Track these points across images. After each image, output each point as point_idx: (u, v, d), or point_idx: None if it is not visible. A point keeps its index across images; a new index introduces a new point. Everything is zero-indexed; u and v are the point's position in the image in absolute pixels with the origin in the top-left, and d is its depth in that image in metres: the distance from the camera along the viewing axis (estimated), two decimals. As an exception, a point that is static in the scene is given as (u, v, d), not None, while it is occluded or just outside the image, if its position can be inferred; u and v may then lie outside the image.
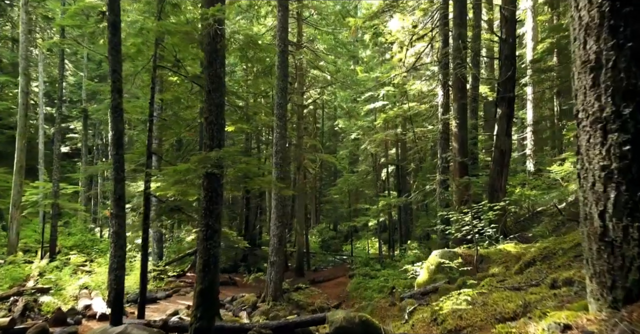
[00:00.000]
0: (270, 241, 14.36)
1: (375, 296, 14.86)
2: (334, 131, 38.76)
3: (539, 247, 5.75)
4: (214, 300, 6.75)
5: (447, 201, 12.95)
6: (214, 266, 6.77)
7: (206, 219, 6.82)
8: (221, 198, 6.97)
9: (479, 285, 5.35)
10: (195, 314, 6.52)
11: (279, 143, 14.25)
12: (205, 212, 6.83)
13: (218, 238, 6.89)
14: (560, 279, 3.49)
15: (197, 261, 6.78)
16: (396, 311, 6.94)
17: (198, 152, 6.92)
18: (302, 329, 8.33)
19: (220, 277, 19.47)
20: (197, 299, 6.60)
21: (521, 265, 5.69)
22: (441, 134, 13.42)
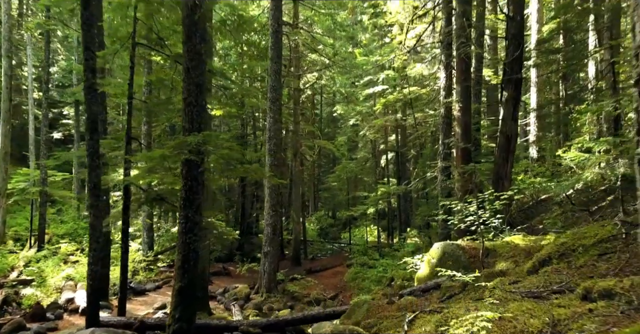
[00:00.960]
0: (264, 231, 13.79)
1: (373, 288, 14.34)
2: (332, 117, 38.01)
3: (555, 242, 5.12)
4: (194, 299, 6.16)
5: (449, 189, 12.32)
6: (195, 262, 6.16)
7: (185, 211, 6.19)
8: (202, 187, 6.33)
9: (487, 287, 4.74)
10: (174, 315, 5.93)
11: (273, 128, 13.57)
12: (185, 203, 6.20)
13: (199, 231, 6.26)
14: (595, 289, 2.88)
15: (176, 257, 6.17)
16: (394, 311, 6.35)
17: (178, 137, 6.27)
18: (294, 328, 7.79)
19: (213, 267, 19.04)
20: (175, 298, 6.00)
21: (535, 263, 5.07)
22: (443, 119, 12.72)
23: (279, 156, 14.29)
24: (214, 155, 6.25)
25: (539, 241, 7.38)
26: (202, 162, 5.84)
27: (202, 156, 5.95)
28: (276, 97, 13.62)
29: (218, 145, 6.20)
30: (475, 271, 7.33)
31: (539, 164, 21.56)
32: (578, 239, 4.88)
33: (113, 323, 7.54)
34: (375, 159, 25.95)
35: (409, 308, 6.34)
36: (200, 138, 5.84)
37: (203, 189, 6.37)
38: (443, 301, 6.23)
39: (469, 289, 6.05)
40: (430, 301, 6.50)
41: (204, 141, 5.98)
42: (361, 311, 6.75)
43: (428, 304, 6.29)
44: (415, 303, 6.48)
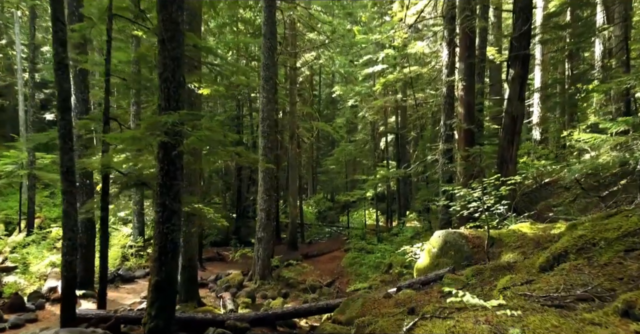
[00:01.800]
0: (257, 216, 13.26)
1: (370, 275, 13.92)
2: (332, 98, 37.15)
3: (571, 234, 4.55)
4: (173, 294, 5.64)
5: (451, 173, 11.75)
6: (173, 254, 5.62)
7: (162, 198, 5.61)
8: (181, 172, 5.74)
9: (496, 287, 4.19)
10: (150, 313, 5.41)
11: (266, 109, 12.91)
12: (161, 190, 5.62)
13: (178, 220, 5.71)
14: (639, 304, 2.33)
15: (152, 248, 5.63)
16: (392, 306, 5.84)
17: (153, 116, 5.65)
18: (285, 322, 7.31)
19: (207, 252, 18.62)
20: (151, 294, 5.48)
21: (548, 258, 4.51)
22: (445, 99, 12.05)
23: (274, 138, 13.68)
24: (193, 137, 5.63)
25: (549, 230, 6.83)
26: (179, 145, 5.24)
27: (178, 137, 5.34)
28: (269, 76, 12.92)
29: (197, 126, 5.58)
30: (479, 262, 6.81)
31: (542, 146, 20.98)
32: (599, 232, 4.32)
33: (91, 317, 7.05)
34: (375, 141, 25.31)
35: (408, 303, 5.83)
36: (175, 118, 5.23)
37: (182, 173, 5.78)
38: (444, 296, 5.72)
39: (473, 284, 5.53)
40: (431, 296, 5.99)
41: (180, 120, 5.36)
42: (355, 306, 6.24)
43: (428, 299, 5.77)
44: (415, 297, 5.97)
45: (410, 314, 5.22)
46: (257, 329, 6.98)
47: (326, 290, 13.08)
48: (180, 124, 5.43)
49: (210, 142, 5.61)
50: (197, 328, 7.08)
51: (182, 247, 10.11)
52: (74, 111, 10.74)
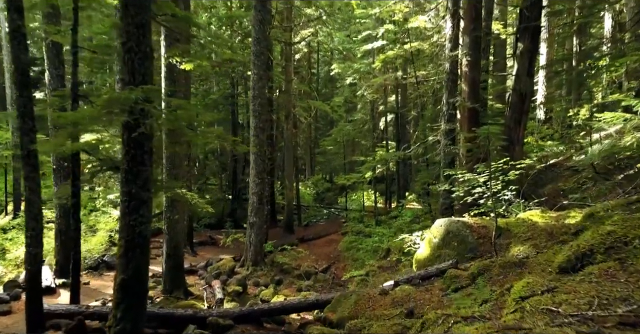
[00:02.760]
0: (249, 200, 12.63)
1: (368, 260, 13.37)
2: (330, 76, 36.11)
3: (598, 230, 3.90)
4: (142, 294, 5.02)
5: (453, 155, 11.05)
6: (142, 249, 4.98)
7: (128, 186, 4.94)
8: (150, 156, 5.05)
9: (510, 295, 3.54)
10: (115, 315, 4.80)
11: (257, 86, 12.13)
12: (127, 177, 4.94)
13: (147, 211, 5.05)
14: None
15: (118, 242, 4.99)
16: (388, 305, 5.24)
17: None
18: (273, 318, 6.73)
19: (200, 236, 18.06)
20: (117, 293, 4.86)
21: (570, 257, 3.87)
22: (448, 75, 11.26)
23: (266, 117, 12.93)
24: (164, 117, 4.92)
25: (562, 219, 6.19)
26: (142, 125, 4.54)
27: (140, 117, 4.62)
28: (260, 51, 12.09)
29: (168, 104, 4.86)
30: (484, 254, 6.19)
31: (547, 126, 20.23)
32: (632, 228, 3.66)
33: (61, 312, 6.48)
34: (374, 121, 24.52)
35: (406, 302, 5.23)
36: (139, 94, 4.51)
37: (151, 158, 5.09)
38: (447, 294, 5.12)
39: (480, 283, 4.91)
40: (432, 293, 5.39)
41: (145, 97, 4.64)
42: (348, 303, 5.65)
43: (429, 298, 5.17)
44: (414, 295, 5.37)
45: (409, 317, 4.63)
46: (242, 327, 6.42)
47: (321, 276, 12.56)
48: (146, 101, 4.71)
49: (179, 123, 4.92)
50: (176, 324, 6.52)
51: (166, 235, 9.53)
52: (49, 87, 10.00)
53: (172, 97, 9.30)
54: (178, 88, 9.45)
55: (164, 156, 9.46)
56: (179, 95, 9.73)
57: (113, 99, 4.54)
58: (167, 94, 9.33)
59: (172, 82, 9.29)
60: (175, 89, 9.29)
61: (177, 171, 9.40)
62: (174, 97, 9.36)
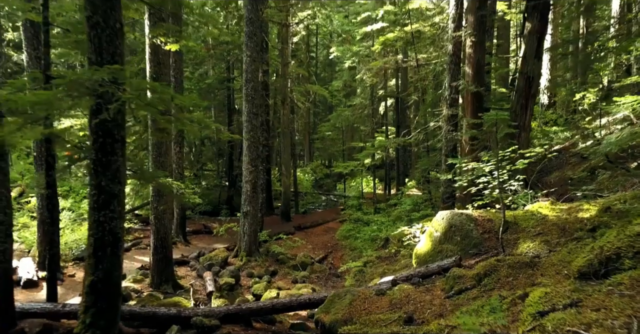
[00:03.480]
0: (242, 189, 12.15)
1: (366, 250, 12.95)
2: (329, 60, 35.36)
3: (624, 231, 3.42)
4: (115, 298, 4.56)
5: (455, 141, 10.53)
6: (114, 248, 4.51)
7: (97, 178, 4.45)
8: (122, 145, 4.54)
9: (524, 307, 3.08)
10: (84, 320, 4.36)
11: (250, 69, 11.55)
12: (96, 168, 4.45)
13: (119, 206, 4.56)
14: None
15: (87, 240, 4.51)
16: (385, 308, 4.80)
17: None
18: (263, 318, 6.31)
19: (194, 224, 17.62)
20: (86, 297, 4.41)
21: (592, 261, 3.39)
22: (451, 58, 10.66)
23: (260, 102, 12.36)
24: (138, 101, 4.40)
25: (575, 212, 5.71)
26: (108, 111, 4.02)
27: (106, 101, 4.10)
28: (253, 32, 11.46)
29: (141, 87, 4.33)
30: (490, 251, 5.73)
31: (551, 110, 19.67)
32: (665, 229, 3.18)
33: (35, 311, 6.05)
34: (373, 106, 23.90)
35: (405, 304, 4.79)
36: (104, 74, 3.97)
37: (123, 147, 4.58)
38: (450, 296, 4.66)
39: (487, 285, 4.45)
40: (433, 294, 4.94)
41: (113, 79, 4.11)
42: (342, 304, 5.20)
43: (430, 301, 4.72)
44: (413, 296, 4.92)
45: (408, 323, 4.17)
46: (229, 327, 6.00)
47: (318, 267, 12.17)
48: (114, 83, 4.18)
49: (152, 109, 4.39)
50: (160, 323, 6.10)
51: (153, 226, 9.08)
52: (27, 70, 9.43)
53: (158, 81, 8.77)
54: (164, 71, 8.87)
55: (150, 144, 8.96)
56: (165, 78, 9.16)
57: (74, 81, 4.01)
58: (152, 77, 8.79)
59: (158, 65, 8.72)
60: (160, 71, 8.72)
61: (163, 159, 8.90)
62: (159, 80, 8.82)
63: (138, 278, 9.43)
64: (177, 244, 13.71)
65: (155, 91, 4.52)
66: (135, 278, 9.47)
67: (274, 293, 8.22)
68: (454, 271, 5.00)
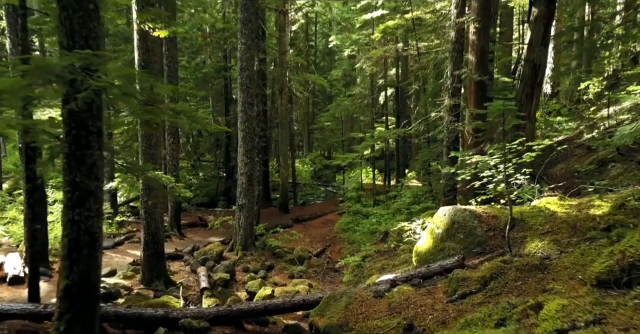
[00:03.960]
0: (238, 181, 11.81)
1: (364, 244, 12.65)
2: (329, 49, 34.75)
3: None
4: (92, 302, 4.24)
5: (457, 132, 10.16)
6: (90, 249, 4.17)
7: (72, 174, 4.10)
8: (98, 138, 4.19)
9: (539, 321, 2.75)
10: (58, 328, 4.03)
11: (245, 57, 11.13)
12: (69, 163, 4.09)
13: (95, 203, 4.22)
14: None
15: (62, 241, 4.17)
16: (383, 313, 4.48)
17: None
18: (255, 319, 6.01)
19: (190, 217, 17.32)
20: (61, 302, 4.09)
21: (613, 267, 3.06)
22: (453, 45, 10.24)
23: (255, 91, 11.96)
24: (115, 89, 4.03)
25: (585, 208, 5.37)
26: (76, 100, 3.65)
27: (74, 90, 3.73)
28: (248, 18, 11.02)
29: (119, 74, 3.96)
30: (495, 250, 5.40)
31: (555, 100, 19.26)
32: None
33: (15, 312, 5.74)
34: (373, 96, 23.45)
35: (404, 309, 4.47)
36: (74, 60, 3.60)
37: (101, 140, 4.22)
38: (453, 301, 4.34)
39: (493, 289, 4.12)
40: (435, 297, 4.62)
41: (86, 65, 3.73)
42: (338, 307, 4.89)
43: (431, 305, 4.40)
44: (414, 300, 4.61)
45: (408, 331, 3.85)
46: (219, 329, 5.70)
47: (315, 261, 11.88)
48: (87, 69, 3.80)
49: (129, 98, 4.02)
50: (146, 324, 5.80)
51: (144, 220, 8.76)
52: (10, 57, 9.02)
53: (147, 69, 8.37)
54: (153, 58, 8.47)
55: (140, 135, 8.60)
56: (155, 66, 8.76)
57: (40, 67, 3.64)
58: (141, 65, 8.39)
59: (146, 52, 8.31)
60: (149, 59, 8.32)
61: (154, 152, 8.54)
62: (148, 69, 8.43)
63: (129, 274, 9.13)
64: (172, 237, 13.42)
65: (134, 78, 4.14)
66: (125, 274, 9.17)
67: (268, 291, 7.92)
68: (457, 272, 4.68)
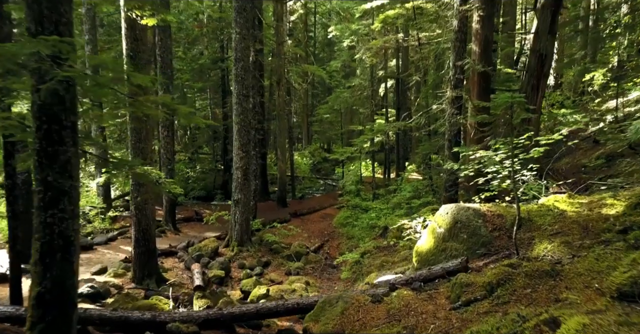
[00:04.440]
0: (233, 175, 11.49)
1: (363, 240, 12.37)
2: (328, 40, 34.23)
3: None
4: (67, 310, 3.93)
5: (459, 125, 9.81)
6: (65, 253, 3.85)
7: (43, 172, 3.77)
8: (73, 133, 3.85)
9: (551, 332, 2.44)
10: (30, 340, 3.73)
11: (240, 47, 10.74)
12: (40, 160, 3.76)
13: (70, 204, 3.89)
14: None
15: (33, 245, 3.85)
16: (382, 320, 4.18)
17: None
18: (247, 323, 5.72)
19: (185, 211, 17.02)
20: (33, 310, 3.78)
21: (636, 279, 2.75)
22: (456, 35, 9.84)
23: (250, 83, 11.58)
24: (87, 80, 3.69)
25: (597, 207, 5.05)
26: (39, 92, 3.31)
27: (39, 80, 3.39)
28: (243, 7, 10.62)
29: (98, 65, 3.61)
30: (501, 252, 5.09)
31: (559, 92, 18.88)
32: None
33: (-4, 317, 5.45)
34: (373, 88, 23.03)
35: (404, 316, 4.17)
36: (41, 47, 3.25)
37: (75, 135, 3.89)
38: (457, 308, 4.04)
39: (500, 297, 3.82)
40: (437, 303, 4.32)
41: (54, 53, 3.38)
42: (334, 313, 4.59)
43: (433, 312, 4.10)
44: (414, 306, 4.30)
45: (408, 343, 3.55)
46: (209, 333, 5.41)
47: (313, 257, 11.61)
48: (57, 58, 3.46)
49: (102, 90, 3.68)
50: (133, 328, 5.51)
51: (134, 217, 8.45)
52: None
53: (135, 60, 8.01)
54: (142, 48, 8.09)
55: (129, 129, 8.26)
56: (145, 56, 8.40)
57: (4, 54, 3.30)
58: (130, 56, 8.03)
59: (135, 41, 7.95)
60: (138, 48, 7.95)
61: (144, 146, 8.20)
62: (137, 59, 8.07)
63: (119, 272, 8.84)
64: (166, 232, 13.14)
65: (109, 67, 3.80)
66: (116, 271, 8.88)
67: (263, 290, 7.64)
68: (460, 277, 4.37)
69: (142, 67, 8.17)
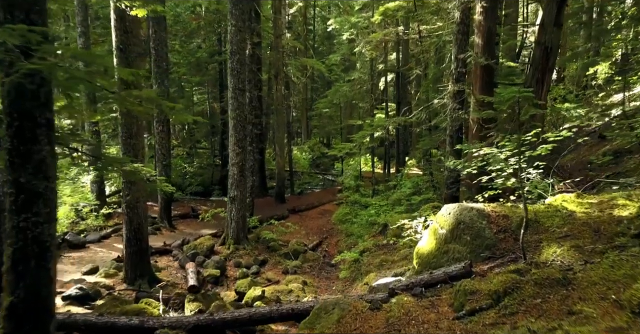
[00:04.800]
0: (229, 172, 11.22)
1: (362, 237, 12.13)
2: (328, 33, 33.81)
3: None
4: (42, 321, 3.68)
5: (461, 120, 9.53)
6: (40, 260, 3.60)
7: (15, 173, 3.50)
8: (48, 131, 3.58)
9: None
10: (1, 354, 3.48)
11: (235, 40, 10.43)
12: (12, 160, 3.50)
13: (46, 207, 3.63)
14: None
15: (5, 251, 3.59)
16: (381, 327, 3.93)
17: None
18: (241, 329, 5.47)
19: (182, 207, 16.75)
20: (5, 322, 3.53)
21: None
22: (458, 27, 9.54)
23: (246, 77, 11.27)
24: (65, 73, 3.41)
25: (607, 208, 4.78)
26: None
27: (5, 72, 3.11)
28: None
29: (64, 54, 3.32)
30: (506, 255, 4.82)
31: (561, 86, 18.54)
32: None
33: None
34: (373, 81, 22.69)
35: (405, 326, 3.91)
36: (7, 36, 2.97)
37: (51, 133, 3.61)
38: (461, 317, 3.78)
39: (506, 305, 3.56)
40: (439, 311, 4.06)
41: (24, 44, 3.10)
42: (330, 321, 4.33)
43: (435, 321, 3.84)
44: (415, 314, 4.05)
45: (408, 357, 3.29)
46: (199, 340, 5.17)
47: (311, 255, 11.37)
48: (28, 49, 3.17)
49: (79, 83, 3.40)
50: None
51: (125, 216, 8.19)
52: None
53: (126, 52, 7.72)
54: (133, 40, 7.79)
55: (120, 124, 7.98)
56: (136, 49, 8.09)
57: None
58: (119, 48, 7.73)
59: (125, 33, 7.65)
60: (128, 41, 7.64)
61: (134, 142, 7.92)
62: (128, 51, 7.77)
63: (111, 272, 8.60)
64: (162, 229, 12.89)
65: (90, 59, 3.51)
66: (108, 271, 8.63)
67: (258, 291, 7.39)
68: (464, 284, 4.11)
69: (133, 60, 7.87)
